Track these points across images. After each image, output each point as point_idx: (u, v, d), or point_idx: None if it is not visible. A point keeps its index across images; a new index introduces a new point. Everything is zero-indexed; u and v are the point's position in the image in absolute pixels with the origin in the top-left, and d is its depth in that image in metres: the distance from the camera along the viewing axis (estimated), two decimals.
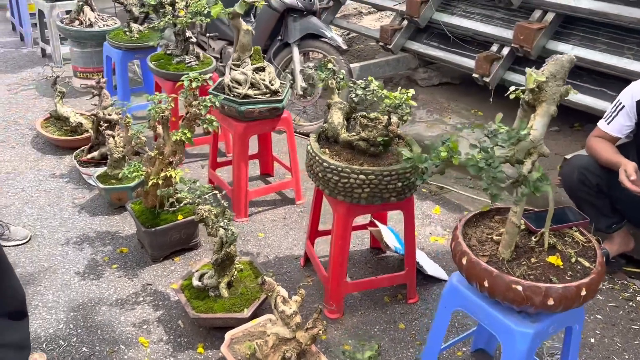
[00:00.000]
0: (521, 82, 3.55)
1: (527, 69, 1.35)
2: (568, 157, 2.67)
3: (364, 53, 5.31)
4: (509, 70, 3.65)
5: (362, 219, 2.69)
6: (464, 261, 1.57)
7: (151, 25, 3.30)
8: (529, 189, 1.30)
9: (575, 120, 3.76)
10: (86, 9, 4.15)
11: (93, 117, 3.12)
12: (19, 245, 2.59)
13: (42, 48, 5.10)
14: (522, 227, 1.65)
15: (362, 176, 2.00)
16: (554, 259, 1.56)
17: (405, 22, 4.29)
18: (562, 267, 1.55)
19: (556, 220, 1.64)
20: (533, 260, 1.57)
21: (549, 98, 1.36)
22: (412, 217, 2.24)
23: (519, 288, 1.46)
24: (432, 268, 2.54)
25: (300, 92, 3.73)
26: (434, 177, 2.69)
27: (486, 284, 1.51)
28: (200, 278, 2.23)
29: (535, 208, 1.78)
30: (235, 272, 2.23)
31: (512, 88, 1.41)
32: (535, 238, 1.63)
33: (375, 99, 2.15)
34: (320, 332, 1.83)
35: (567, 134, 3.64)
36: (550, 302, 1.45)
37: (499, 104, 3.93)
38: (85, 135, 3.41)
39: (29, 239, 2.64)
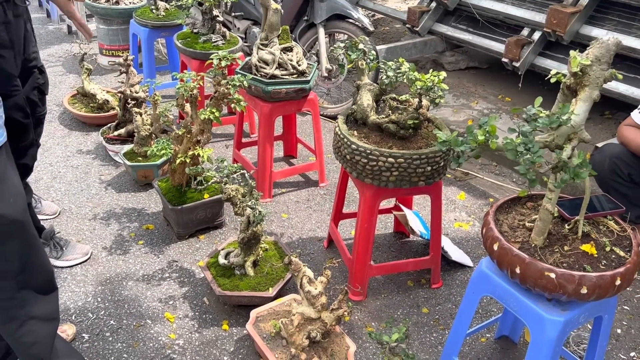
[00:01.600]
0: (552, 67, 3.48)
1: (572, 52, 1.32)
2: (599, 145, 2.62)
3: (389, 35, 5.24)
4: (539, 55, 3.57)
5: (386, 203, 2.68)
6: (496, 247, 1.55)
7: (178, 4, 3.29)
8: (569, 175, 1.28)
9: (605, 109, 3.68)
10: None
11: (120, 94, 3.13)
12: (49, 219, 2.63)
13: (68, 25, 5.13)
14: (556, 214, 1.63)
15: (390, 159, 1.98)
16: (587, 248, 1.53)
17: (433, 4, 4.21)
18: (596, 255, 1.52)
19: (591, 208, 1.61)
20: (566, 248, 1.54)
21: (592, 82, 1.32)
22: (440, 201, 2.23)
23: (552, 275, 1.44)
24: (457, 254, 2.52)
25: (325, 74, 3.70)
26: None
27: (518, 270, 1.49)
28: (226, 256, 2.25)
29: (568, 195, 1.75)
30: (261, 252, 2.24)
31: (554, 71, 1.38)
32: (568, 226, 1.60)
33: (406, 81, 2.12)
34: (346, 313, 1.84)
35: (597, 121, 3.57)
36: (584, 290, 1.43)
37: (527, 91, 3.87)
38: (112, 112, 3.43)
39: (58, 214, 2.68)
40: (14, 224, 1.38)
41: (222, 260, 2.22)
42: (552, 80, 1.37)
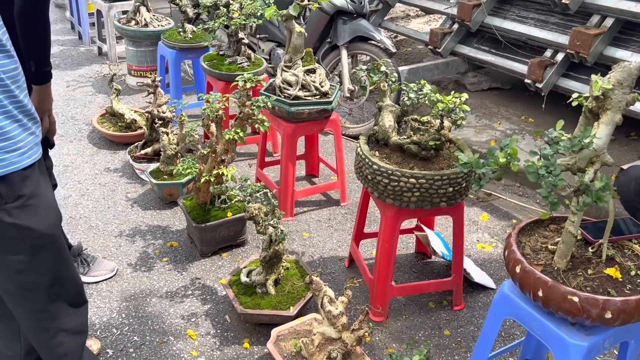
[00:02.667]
0: (575, 88, 3.46)
1: (593, 76, 1.32)
2: (625, 167, 2.58)
3: (411, 56, 5.28)
4: (562, 76, 3.56)
5: (408, 223, 2.68)
6: (518, 269, 1.54)
7: (205, 27, 3.38)
8: (591, 199, 1.27)
9: (631, 130, 3.63)
10: (142, 9, 4.28)
11: (147, 114, 3.22)
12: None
13: (98, 46, 5.29)
14: (579, 237, 1.62)
15: (412, 180, 1.99)
16: (612, 271, 1.52)
17: (455, 26, 4.24)
18: (620, 279, 1.50)
19: (615, 231, 1.59)
20: (590, 271, 1.53)
21: (614, 106, 1.33)
22: (462, 223, 2.22)
23: (575, 299, 1.42)
24: (479, 275, 2.50)
25: (347, 94, 3.75)
26: None
27: (540, 293, 1.48)
28: (248, 274, 2.27)
29: (592, 218, 1.73)
30: (282, 270, 2.26)
31: (575, 95, 1.38)
32: (592, 249, 1.59)
33: (427, 102, 2.14)
34: (366, 334, 1.84)
35: (622, 143, 3.53)
36: (608, 315, 1.41)
37: (551, 111, 3.85)
38: (139, 131, 3.52)
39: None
40: (46, 237, 1.43)
41: (244, 278, 2.25)
42: (574, 103, 1.37)
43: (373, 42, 3.72)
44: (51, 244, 1.46)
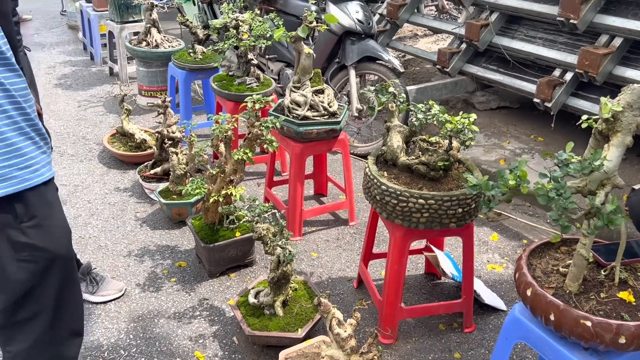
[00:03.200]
0: (584, 107, 3.45)
1: (602, 98, 1.32)
2: (636, 187, 2.55)
3: (419, 75, 5.30)
4: (571, 95, 3.55)
5: (417, 244, 2.66)
6: (529, 292, 1.52)
7: (215, 48, 3.42)
8: (602, 222, 1.26)
9: None
10: (153, 30, 4.35)
11: (157, 134, 3.24)
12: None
13: (110, 67, 5.37)
14: (591, 260, 1.59)
15: (421, 200, 1.98)
16: (625, 295, 1.49)
17: (463, 46, 4.26)
18: (634, 303, 1.48)
19: (628, 253, 1.57)
20: (602, 295, 1.51)
21: (624, 128, 1.32)
22: (471, 244, 2.20)
23: (588, 324, 1.40)
24: (490, 297, 2.47)
25: (356, 114, 3.76)
26: None
27: (552, 317, 1.46)
28: (256, 295, 2.26)
29: (604, 240, 1.71)
30: (291, 292, 2.25)
31: (584, 117, 1.38)
32: (604, 272, 1.57)
33: (436, 123, 2.14)
34: (376, 357, 1.82)
35: (634, 162, 3.50)
36: (622, 340, 1.38)
37: (560, 131, 3.83)
38: (149, 151, 3.54)
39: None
40: (57, 259, 1.43)
41: (251, 299, 2.24)
42: (584, 125, 1.37)
43: (381, 62, 3.74)
44: (61, 265, 1.46)
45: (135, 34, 4.81)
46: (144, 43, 4.34)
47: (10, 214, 1.34)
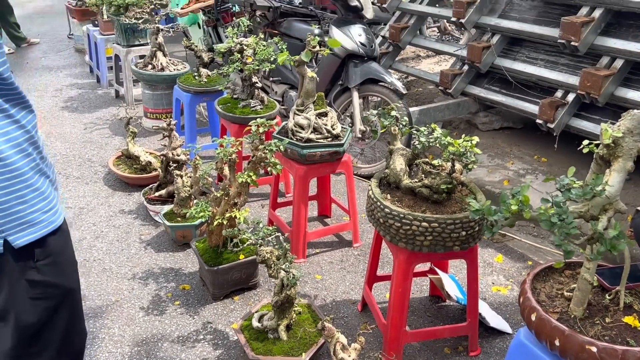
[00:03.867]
0: (587, 128, 3.46)
1: (602, 124, 1.33)
2: None
3: (422, 96, 5.33)
4: (574, 116, 3.57)
5: (422, 266, 2.65)
6: (533, 317, 1.51)
7: (220, 71, 3.47)
8: (605, 247, 1.26)
9: None
10: (159, 54, 4.41)
11: (162, 157, 3.27)
12: None
13: (116, 90, 5.43)
14: (595, 283, 1.59)
15: (424, 224, 1.99)
16: (630, 320, 1.48)
17: (465, 67, 4.30)
18: (639, 328, 1.47)
19: (632, 277, 1.56)
20: (607, 320, 1.50)
21: (625, 154, 1.33)
22: (476, 266, 2.20)
23: (594, 349, 1.39)
24: (495, 320, 2.45)
25: (359, 135, 3.78)
26: None
27: (557, 342, 1.45)
28: (260, 319, 2.25)
29: (609, 264, 1.71)
30: (294, 315, 2.24)
31: (585, 142, 1.39)
32: (609, 296, 1.56)
33: (438, 146, 2.15)
34: None
35: (638, 183, 3.49)
36: None
37: (564, 151, 3.83)
38: (154, 173, 3.57)
39: None
40: (68, 293, 1.44)
41: (255, 323, 2.23)
42: (585, 150, 1.38)
43: (384, 84, 3.77)
44: (71, 299, 1.47)
45: (141, 57, 4.88)
46: (150, 66, 4.40)
47: (31, 257, 1.35)
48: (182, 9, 5.41)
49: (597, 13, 3.36)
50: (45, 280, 1.37)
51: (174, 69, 4.42)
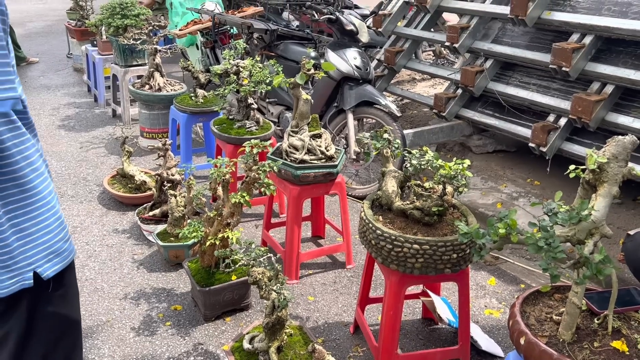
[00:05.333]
0: (579, 152, 3.49)
1: (587, 150, 1.35)
2: (632, 232, 2.57)
3: (417, 119, 5.39)
4: (566, 140, 3.61)
5: (414, 288, 2.65)
6: (522, 341, 1.52)
7: (216, 93, 3.50)
8: (591, 272, 1.27)
9: (638, 193, 3.63)
10: (156, 74, 4.45)
11: (157, 176, 3.28)
12: None
13: (113, 109, 5.47)
14: (584, 307, 1.60)
15: (416, 246, 2.00)
16: (618, 344, 1.49)
17: (459, 91, 4.35)
18: (627, 353, 1.47)
19: (621, 302, 1.57)
20: (596, 344, 1.50)
21: (610, 179, 1.35)
22: (467, 289, 2.20)
23: None
24: (487, 343, 2.45)
25: (354, 157, 3.81)
26: None
27: None
28: (251, 341, 2.24)
29: (598, 287, 1.72)
30: (285, 337, 2.23)
31: (572, 167, 1.41)
32: (598, 320, 1.57)
33: (430, 168, 2.17)
34: None
35: (629, 207, 3.51)
36: None
37: (557, 174, 3.86)
38: (148, 192, 3.58)
39: None
40: (73, 325, 1.43)
41: (246, 345, 2.22)
42: (571, 175, 1.40)
43: (378, 106, 3.81)
44: (75, 330, 1.46)
45: (139, 77, 4.92)
46: (147, 86, 4.44)
47: (47, 288, 1.33)
48: (180, 30, 5.48)
49: (587, 39, 3.42)
50: (56, 312, 1.34)
51: (171, 89, 4.46)
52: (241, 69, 3.37)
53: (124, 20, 4.74)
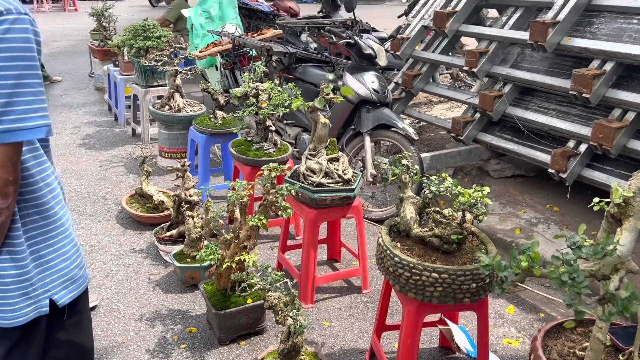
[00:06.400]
0: (600, 179, 3.44)
1: (613, 183, 1.33)
2: None
3: (434, 141, 5.37)
4: (586, 167, 3.56)
5: (431, 315, 2.61)
6: None
7: (236, 114, 3.53)
8: (617, 308, 1.24)
9: None
10: (176, 95, 4.51)
11: (175, 197, 3.30)
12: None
13: (132, 128, 5.54)
14: (608, 343, 1.56)
15: (434, 274, 1.97)
16: None
17: (477, 115, 4.34)
18: None
19: None
20: None
21: (636, 213, 1.32)
22: (486, 319, 2.16)
23: None
24: None
25: (370, 179, 3.80)
26: None
27: None
28: None
29: (623, 322, 1.68)
30: None
31: (596, 199, 1.39)
32: (623, 357, 1.52)
33: (449, 195, 2.16)
34: None
35: None
36: None
37: (577, 201, 3.81)
38: (166, 212, 3.60)
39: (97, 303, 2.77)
40: (87, 352, 1.43)
41: None
42: (595, 208, 1.37)
43: (395, 129, 3.81)
44: (88, 356, 1.46)
45: (159, 97, 5.00)
46: (167, 107, 4.50)
47: (62, 315, 1.34)
48: (200, 52, 5.56)
49: (608, 66, 3.40)
50: (69, 340, 1.34)
51: (190, 110, 4.51)
52: (260, 92, 3.40)
53: (145, 42, 4.83)
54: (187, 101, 4.59)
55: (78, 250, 1.35)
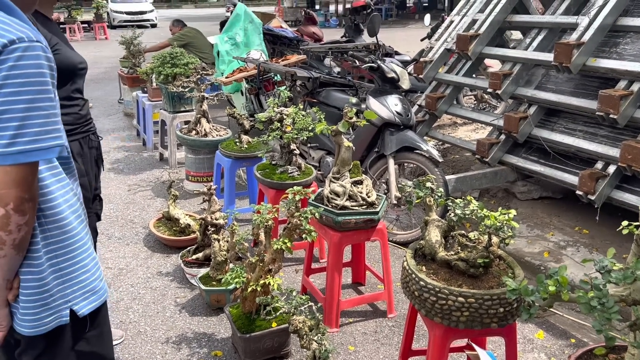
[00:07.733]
0: (630, 201, 3.37)
1: None
2: None
3: (459, 163, 5.34)
4: (616, 188, 3.49)
5: (459, 340, 2.57)
6: None
7: (260, 139, 3.59)
8: None
9: None
10: (203, 120, 4.61)
11: (201, 220, 3.35)
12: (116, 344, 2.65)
13: (160, 153, 5.66)
14: None
15: (461, 298, 1.95)
16: None
17: (502, 137, 4.31)
18: None
19: None
20: None
21: None
22: (515, 345, 2.12)
23: None
24: None
25: (395, 202, 3.79)
26: None
27: None
28: None
29: None
30: None
31: (625, 223, 1.36)
32: None
33: (474, 218, 2.14)
34: None
35: None
36: None
37: (606, 223, 3.73)
38: (192, 236, 3.64)
39: (122, 339, 2.76)
40: None
41: None
42: (624, 232, 1.35)
43: (419, 151, 3.81)
44: None
45: (186, 122, 5.10)
46: (194, 132, 4.59)
47: (84, 327, 1.38)
48: (226, 77, 5.69)
49: (635, 86, 3.35)
50: (92, 352, 1.39)
51: (217, 135, 4.59)
52: (285, 117, 3.45)
53: (173, 69, 4.96)
54: (213, 126, 4.68)
55: (97, 263, 1.40)
